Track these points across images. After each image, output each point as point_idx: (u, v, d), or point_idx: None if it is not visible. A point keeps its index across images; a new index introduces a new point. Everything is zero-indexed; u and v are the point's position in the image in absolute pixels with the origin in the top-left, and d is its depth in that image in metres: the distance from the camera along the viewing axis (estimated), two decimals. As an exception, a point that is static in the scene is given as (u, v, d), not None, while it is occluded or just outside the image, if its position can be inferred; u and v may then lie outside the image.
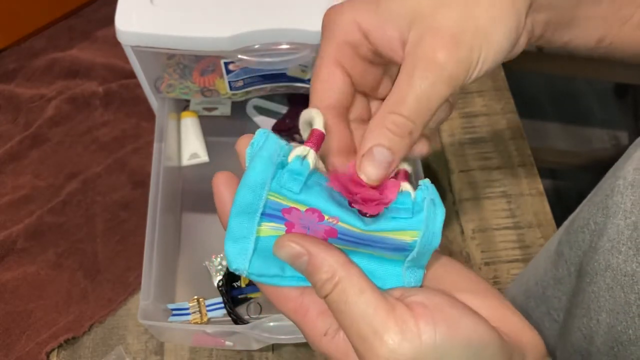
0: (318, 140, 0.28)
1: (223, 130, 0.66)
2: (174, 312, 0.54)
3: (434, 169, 0.67)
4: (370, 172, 0.27)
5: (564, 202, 1.26)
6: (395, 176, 0.29)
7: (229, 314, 0.54)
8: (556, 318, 0.45)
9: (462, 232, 0.63)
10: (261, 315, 0.55)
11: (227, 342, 0.52)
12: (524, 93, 1.44)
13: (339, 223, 0.27)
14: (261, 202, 0.26)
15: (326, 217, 0.27)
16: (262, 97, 0.66)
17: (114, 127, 0.69)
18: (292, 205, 0.27)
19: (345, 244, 0.27)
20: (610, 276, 0.35)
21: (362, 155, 0.28)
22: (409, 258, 0.28)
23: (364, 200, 0.27)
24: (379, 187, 0.28)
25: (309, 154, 0.27)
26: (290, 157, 0.27)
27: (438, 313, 0.25)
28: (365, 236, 0.27)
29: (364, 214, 0.27)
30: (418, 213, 0.28)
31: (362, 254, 0.28)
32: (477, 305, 0.27)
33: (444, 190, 0.66)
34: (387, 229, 0.27)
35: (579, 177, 1.33)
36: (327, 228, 0.27)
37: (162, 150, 0.58)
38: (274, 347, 0.55)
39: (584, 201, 0.42)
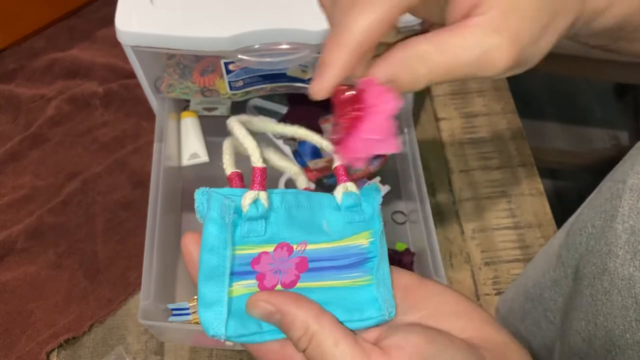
0: (262, 178, 0.29)
1: (223, 130, 0.65)
2: (174, 312, 0.54)
3: (434, 169, 0.67)
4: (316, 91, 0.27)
5: (564, 202, 1.26)
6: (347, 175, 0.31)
7: (229, 314, 0.54)
8: (552, 320, 0.45)
9: (462, 232, 0.63)
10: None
11: (227, 342, 0.52)
12: (524, 93, 1.44)
13: (308, 247, 0.29)
14: (227, 263, 0.27)
15: (295, 247, 0.28)
16: (262, 97, 0.66)
17: (114, 127, 0.69)
18: (261, 250, 0.28)
19: (318, 275, 0.28)
20: (608, 280, 0.35)
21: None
22: (374, 269, 0.29)
23: (352, 119, 0.28)
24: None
25: (260, 195, 0.28)
26: (245, 207, 0.28)
27: (415, 354, 0.25)
28: (331, 250, 0.29)
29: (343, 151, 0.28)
30: (366, 212, 0.30)
31: (335, 289, 0.29)
32: (461, 326, 0.27)
33: (444, 190, 0.66)
34: (346, 235, 0.30)
35: (579, 177, 1.33)
36: (298, 261, 0.28)
37: (162, 150, 0.58)
38: (274, 347, 0.55)
39: (583, 204, 0.42)
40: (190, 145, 0.64)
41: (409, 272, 0.30)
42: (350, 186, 0.30)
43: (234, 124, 0.32)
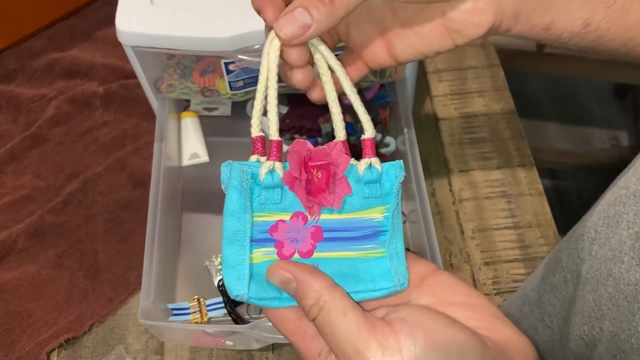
0: (278, 150, 0.31)
1: (223, 130, 0.66)
2: (174, 311, 0.54)
3: (434, 169, 0.67)
4: (286, 28, 0.28)
5: (563, 202, 1.26)
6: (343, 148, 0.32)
7: (229, 313, 0.54)
8: (549, 324, 0.45)
9: (462, 232, 0.63)
10: (261, 315, 0.55)
11: (228, 342, 0.52)
12: (524, 93, 1.44)
13: (322, 217, 0.30)
14: (247, 227, 0.29)
15: (309, 217, 0.30)
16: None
17: (114, 127, 0.69)
18: (278, 217, 0.30)
19: (333, 245, 0.30)
20: (613, 285, 0.35)
21: (284, 13, 0.29)
22: (387, 242, 0.30)
23: (316, 192, 0.30)
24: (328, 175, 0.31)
25: (275, 166, 0.30)
26: (262, 175, 0.30)
27: (417, 327, 0.26)
28: (345, 221, 0.31)
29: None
30: (384, 187, 0.31)
31: (350, 259, 0.30)
32: (467, 316, 0.28)
33: (444, 190, 0.66)
34: (360, 208, 0.31)
35: (578, 177, 1.33)
36: (313, 230, 0.30)
37: (163, 150, 0.58)
38: (274, 347, 0.55)
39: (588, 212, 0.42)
40: (190, 145, 0.64)
41: (426, 261, 0.31)
42: (375, 162, 0.31)
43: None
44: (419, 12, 0.33)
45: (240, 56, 0.51)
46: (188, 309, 0.55)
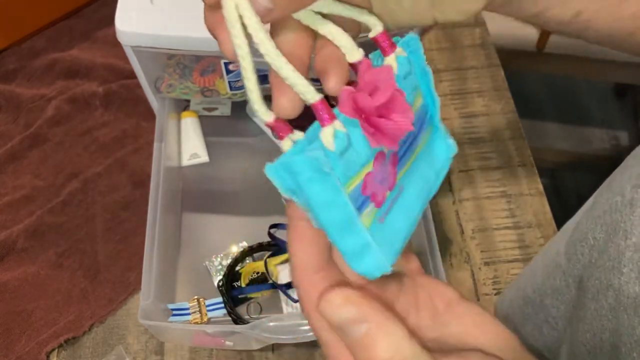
0: (327, 109, 0.24)
1: (223, 130, 0.66)
2: (174, 312, 0.54)
3: (433, 169, 0.67)
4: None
5: (563, 202, 1.26)
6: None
7: (229, 313, 0.54)
8: (554, 326, 0.45)
9: (462, 232, 0.63)
10: (261, 315, 0.55)
11: (227, 342, 0.52)
12: (524, 93, 1.44)
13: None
14: (350, 207, 0.24)
15: (385, 150, 0.26)
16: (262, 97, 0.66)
17: (114, 127, 0.69)
18: (365, 172, 0.25)
19: (404, 158, 0.27)
20: (613, 296, 0.35)
21: None
22: (435, 117, 0.29)
23: (398, 136, 0.26)
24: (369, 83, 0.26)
25: (336, 125, 0.24)
26: (330, 144, 0.24)
27: None
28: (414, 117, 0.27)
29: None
30: (415, 72, 0.28)
31: (416, 159, 0.28)
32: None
33: (444, 190, 0.66)
34: (411, 102, 0.27)
35: (578, 177, 1.33)
36: (392, 159, 0.26)
37: (162, 150, 0.58)
38: (274, 347, 0.55)
39: (581, 211, 0.41)
40: (190, 145, 0.64)
41: (453, 288, 0.28)
42: (400, 51, 0.27)
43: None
44: None
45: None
46: (188, 309, 0.55)
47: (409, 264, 0.29)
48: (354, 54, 0.27)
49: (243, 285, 0.56)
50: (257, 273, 0.57)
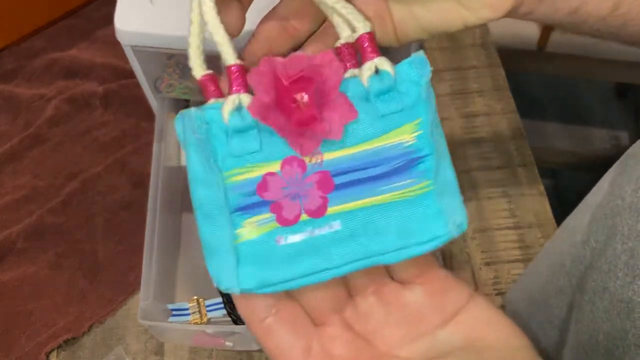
0: (241, 77, 0.22)
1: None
2: (174, 312, 0.54)
3: (434, 169, 0.66)
4: None
5: (564, 202, 1.26)
6: (339, 54, 0.23)
7: (229, 314, 0.54)
8: (558, 326, 0.45)
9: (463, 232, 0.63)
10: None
11: (227, 342, 0.52)
12: (525, 93, 1.43)
13: (325, 157, 0.22)
14: (219, 193, 0.21)
15: (307, 160, 0.22)
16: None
17: (114, 127, 0.69)
18: (263, 170, 0.21)
19: (351, 192, 0.22)
20: (608, 299, 0.34)
21: None
22: (432, 174, 0.22)
23: (302, 122, 0.21)
24: (313, 88, 0.21)
25: (242, 99, 0.22)
26: (225, 117, 0.21)
27: None
28: (361, 156, 0.22)
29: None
30: (407, 95, 0.22)
31: (380, 206, 0.22)
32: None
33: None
34: (380, 132, 0.22)
35: (579, 177, 1.33)
36: (317, 178, 0.21)
37: (162, 150, 0.58)
38: (274, 348, 0.55)
39: (580, 208, 0.41)
40: (190, 145, 0.64)
41: (459, 283, 0.26)
42: (381, 63, 0.22)
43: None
44: None
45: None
46: (188, 309, 0.54)
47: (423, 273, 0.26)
48: (346, 28, 0.23)
49: (243, 285, 0.56)
50: (257, 273, 0.57)
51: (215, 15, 0.23)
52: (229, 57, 0.22)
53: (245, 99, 0.22)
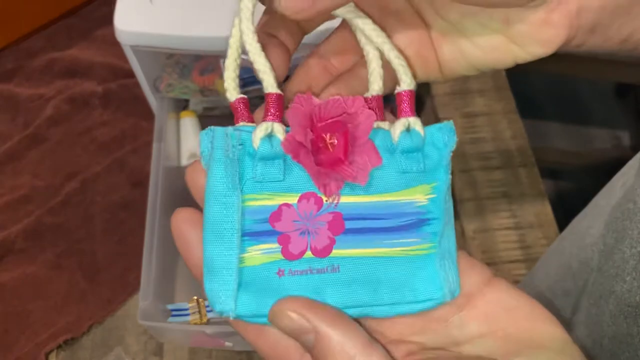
0: (278, 108, 0.22)
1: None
2: (174, 312, 0.54)
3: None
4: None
5: (565, 202, 1.26)
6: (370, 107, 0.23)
7: (229, 314, 0.53)
8: (565, 325, 0.45)
9: (463, 233, 0.62)
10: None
11: (227, 343, 0.52)
12: (525, 93, 1.43)
13: (342, 199, 0.22)
14: (236, 214, 0.21)
15: (324, 199, 0.22)
16: (261, 97, 0.66)
17: (113, 127, 0.69)
18: (281, 200, 0.22)
19: (359, 239, 0.22)
20: (614, 303, 0.34)
21: None
22: (437, 237, 0.23)
23: (329, 164, 0.22)
24: (344, 135, 0.22)
25: (274, 128, 0.22)
26: (256, 142, 0.22)
27: None
28: (375, 206, 0.22)
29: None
30: (430, 158, 0.23)
31: (382, 259, 0.23)
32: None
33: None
34: (397, 187, 0.22)
35: (580, 178, 1.32)
36: (330, 219, 0.22)
37: (161, 150, 0.57)
38: (274, 348, 0.55)
39: (589, 210, 0.41)
40: (189, 145, 0.64)
41: (477, 264, 0.24)
42: (415, 123, 0.23)
43: (244, 18, 0.24)
44: (473, 15, 0.25)
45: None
46: (187, 309, 0.54)
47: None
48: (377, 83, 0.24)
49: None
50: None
51: (257, 44, 0.24)
52: (270, 86, 0.23)
53: (278, 128, 0.22)
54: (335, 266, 0.22)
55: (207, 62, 0.57)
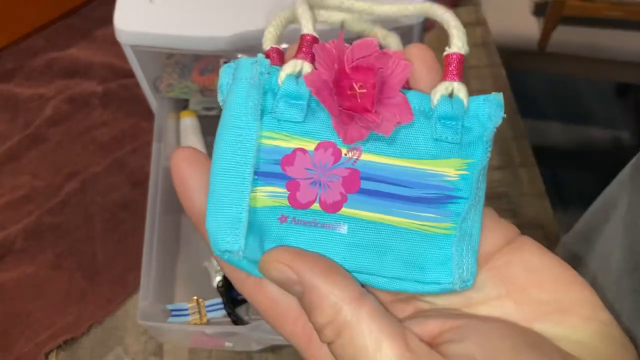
0: (311, 48, 0.21)
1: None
2: (174, 312, 0.54)
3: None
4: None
5: (565, 202, 1.26)
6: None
7: (229, 314, 0.53)
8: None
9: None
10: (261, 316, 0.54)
11: (227, 343, 0.51)
12: (526, 93, 1.43)
13: (363, 156, 0.20)
14: (253, 147, 0.20)
15: (344, 152, 0.20)
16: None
17: (113, 127, 0.69)
18: (297, 144, 0.20)
19: (374, 202, 0.20)
20: (638, 279, 0.33)
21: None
22: (459, 219, 0.20)
23: (355, 106, 0.20)
24: (378, 80, 0.20)
25: (304, 67, 0.21)
26: (281, 79, 0.20)
27: None
28: (399, 170, 0.20)
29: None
30: (470, 131, 0.21)
31: (396, 229, 0.20)
32: (558, 332, 0.19)
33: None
34: (427, 155, 0.20)
35: (580, 177, 1.32)
36: (347, 174, 0.20)
37: (161, 150, 0.57)
38: (274, 348, 0.55)
39: (595, 207, 0.40)
40: (189, 145, 0.64)
41: (501, 223, 0.22)
42: (458, 89, 0.21)
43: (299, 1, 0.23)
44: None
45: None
46: (187, 309, 0.54)
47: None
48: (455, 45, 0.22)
49: (243, 286, 0.56)
50: (257, 274, 0.56)
51: (305, 2, 0.22)
52: (307, 28, 0.22)
53: (307, 68, 0.21)
54: (343, 225, 0.20)
55: (207, 62, 0.57)
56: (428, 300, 0.21)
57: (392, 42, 0.25)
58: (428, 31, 0.77)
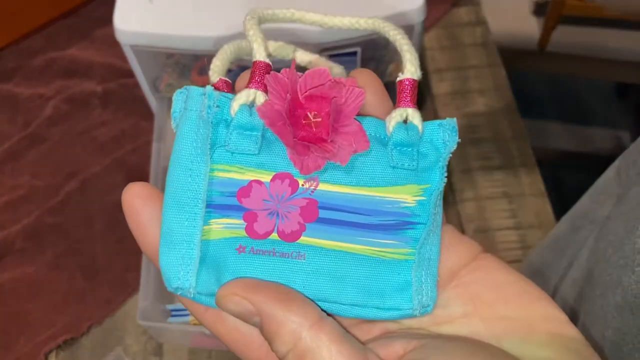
0: (263, 76, 0.20)
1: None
2: (173, 312, 0.54)
3: (434, 169, 0.66)
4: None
5: (565, 202, 1.26)
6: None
7: (228, 315, 0.53)
8: (568, 314, 0.44)
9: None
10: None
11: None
12: (526, 92, 1.43)
13: (320, 186, 0.20)
14: (202, 183, 0.19)
15: (301, 183, 0.20)
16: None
17: (113, 127, 0.69)
18: (253, 176, 0.20)
19: (332, 230, 0.20)
20: (621, 294, 0.34)
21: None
22: (418, 244, 0.20)
23: (310, 140, 0.20)
24: (331, 108, 0.20)
25: (257, 97, 0.20)
26: (234, 109, 0.20)
27: None
28: (357, 199, 0.20)
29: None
30: (425, 157, 0.21)
31: (354, 256, 0.20)
32: (523, 350, 0.19)
33: (445, 191, 0.65)
34: (384, 183, 0.20)
35: (580, 177, 1.32)
36: (304, 204, 0.20)
37: (161, 150, 0.57)
38: (274, 349, 0.55)
39: (597, 199, 0.40)
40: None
41: (464, 239, 0.22)
42: (413, 115, 0.21)
43: (248, 17, 0.23)
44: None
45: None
46: (187, 310, 0.54)
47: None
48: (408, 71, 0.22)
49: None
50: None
51: (255, 25, 0.23)
52: (260, 54, 0.21)
53: (261, 97, 0.20)
54: (302, 253, 0.20)
55: (207, 62, 0.57)
56: (394, 320, 0.21)
57: (338, 73, 0.25)
58: (428, 31, 0.77)
